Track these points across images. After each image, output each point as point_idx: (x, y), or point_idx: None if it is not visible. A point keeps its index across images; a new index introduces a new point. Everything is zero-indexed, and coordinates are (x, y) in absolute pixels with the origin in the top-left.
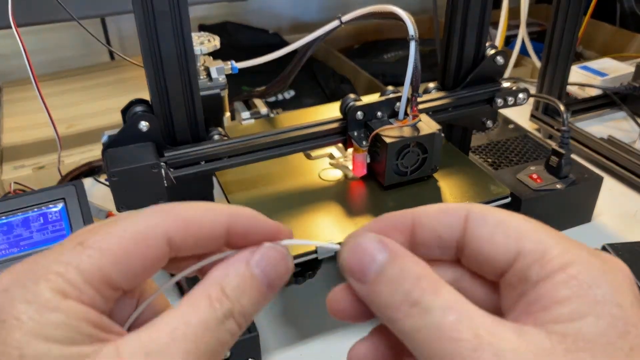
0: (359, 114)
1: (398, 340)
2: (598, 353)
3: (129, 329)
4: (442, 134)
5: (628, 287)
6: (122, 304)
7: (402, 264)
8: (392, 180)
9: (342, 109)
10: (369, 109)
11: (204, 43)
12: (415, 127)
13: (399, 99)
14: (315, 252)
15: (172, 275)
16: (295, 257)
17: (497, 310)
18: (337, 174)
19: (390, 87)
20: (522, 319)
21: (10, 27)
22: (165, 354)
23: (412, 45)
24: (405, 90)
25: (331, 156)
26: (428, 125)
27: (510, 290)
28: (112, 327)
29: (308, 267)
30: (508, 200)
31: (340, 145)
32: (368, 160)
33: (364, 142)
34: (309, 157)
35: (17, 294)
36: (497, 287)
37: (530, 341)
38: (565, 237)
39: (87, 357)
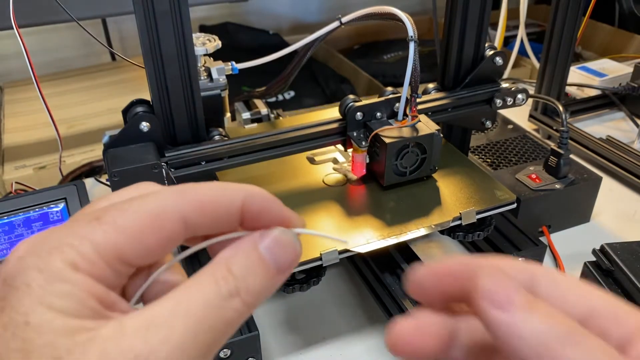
0: (359, 114)
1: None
2: None
3: (144, 303)
4: (441, 135)
5: None
6: (138, 280)
7: (542, 301)
8: (392, 180)
9: (342, 110)
10: (369, 109)
11: (205, 43)
12: (414, 128)
13: (398, 99)
14: (320, 259)
15: (183, 249)
16: (300, 264)
17: None
18: (339, 176)
19: (389, 88)
20: None
21: (12, 28)
22: (166, 328)
23: (411, 46)
24: (405, 91)
25: (335, 161)
26: (427, 126)
27: None
28: (119, 304)
29: (312, 273)
30: (514, 206)
31: (345, 150)
32: (367, 161)
33: (364, 143)
34: (312, 162)
35: (31, 262)
36: None
37: None
38: (622, 302)
39: (90, 331)
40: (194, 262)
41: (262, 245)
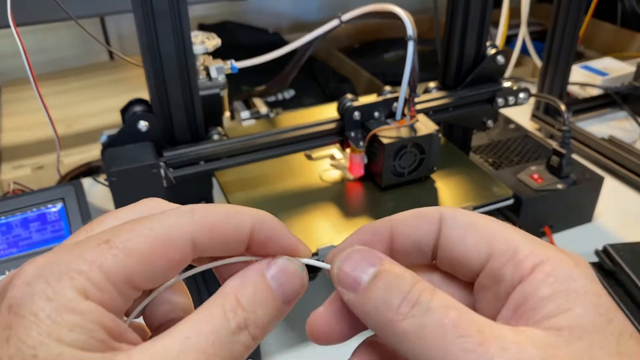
0: (356, 114)
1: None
2: (594, 340)
3: (154, 331)
4: (440, 135)
5: (594, 277)
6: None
7: (394, 270)
8: (390, 181)
9: (339, 109)
10: (366, 109)
11: (204, 42)
12: (412, 128)
13: (396, 99)
14: (316, 254)
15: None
16: None
17: None
18: (337, 175)
19: (387, 87)
20: (513, 323)
21: (9, 27)
22: None
23: (410, 46)
24: (403, 91)
25: (332, 157)
26: (425, 126)
27: (485, 292)
28: (126, 334)
29: (308, 270)
30: (511, 201)
31: (343, 150)
32: (365, 161)
33: (361, 143)
34: (309, 158)
35: (38, 289)
36: (470, 290)
37: (529, 336)
38: (532, 236)
39: None
40: (198, 279)
41: (269, 275)
